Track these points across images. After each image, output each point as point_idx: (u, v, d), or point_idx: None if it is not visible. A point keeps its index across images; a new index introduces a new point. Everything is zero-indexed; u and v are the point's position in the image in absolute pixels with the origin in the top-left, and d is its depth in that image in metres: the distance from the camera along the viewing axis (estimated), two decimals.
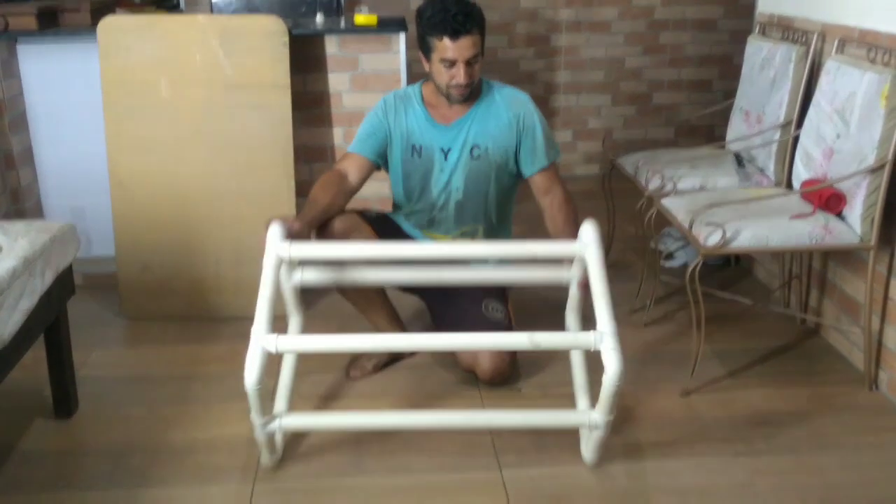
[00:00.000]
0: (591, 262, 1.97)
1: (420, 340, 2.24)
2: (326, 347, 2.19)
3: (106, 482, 1.98)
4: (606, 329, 1.84)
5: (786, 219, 2.28)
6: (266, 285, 1.90)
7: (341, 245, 2.17)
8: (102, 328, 2.80)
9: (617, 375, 1.79)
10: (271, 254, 1.96)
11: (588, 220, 2.02)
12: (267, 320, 1.86)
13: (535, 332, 1.87)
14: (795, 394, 2.37)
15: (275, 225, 1.99)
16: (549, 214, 2.38)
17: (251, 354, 1.81)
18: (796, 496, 1.93)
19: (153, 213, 2.78)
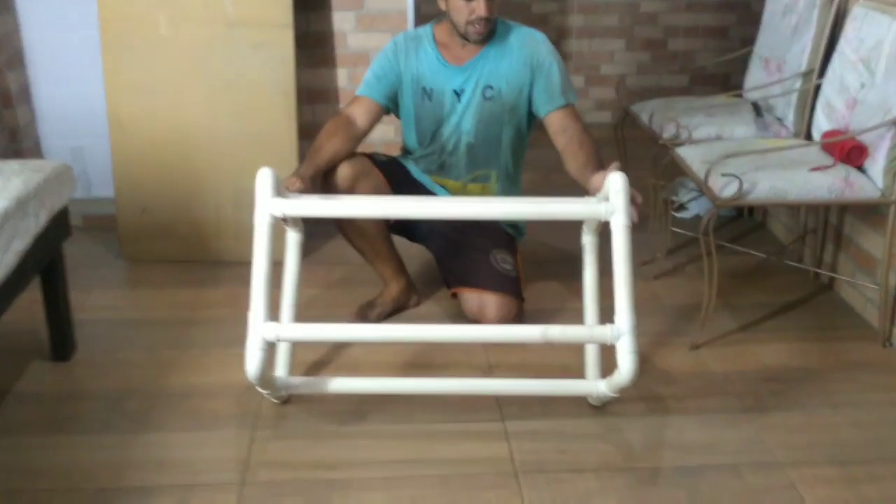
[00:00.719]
0: (617, 233, 1.76)
1: (436, 332, 2.04)
2: (336, 336, 2.07)
3: (102, 426, 1.95)
4: (625, 327, 1.74)
5: (805, 171, 2.20)
6: (260, 257, 1.75)
7: (344, 201, 1.99)
8: (102, 270, 2.76)
9: (629, 380, 1.74)
10: (263, 212, 1.80)
11: (615, 169, 1.85)
12: (264, 304, 1.75)
13: (549, 326, 1.80)
14: (807, 349, 2.32)
15: (265, 173, 1.81)
16: (569, 153, 2.19)
17: (250, 346, 1.75)
18: (805, 454, 1.89)
19: (153, 155, 2.72)
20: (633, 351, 1.73)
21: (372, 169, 2.29)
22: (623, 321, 1.74)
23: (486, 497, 1.75)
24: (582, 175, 2.13)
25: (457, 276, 2.36)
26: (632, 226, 1.80)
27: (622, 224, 1.76)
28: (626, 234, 1.76)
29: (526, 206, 1.89)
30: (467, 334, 1.95)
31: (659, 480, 1.81)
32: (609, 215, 1.78)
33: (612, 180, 1.79)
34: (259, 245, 1.77)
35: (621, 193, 1.77)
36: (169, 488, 1.76)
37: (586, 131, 2.24)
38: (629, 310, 1.74)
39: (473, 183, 2.37)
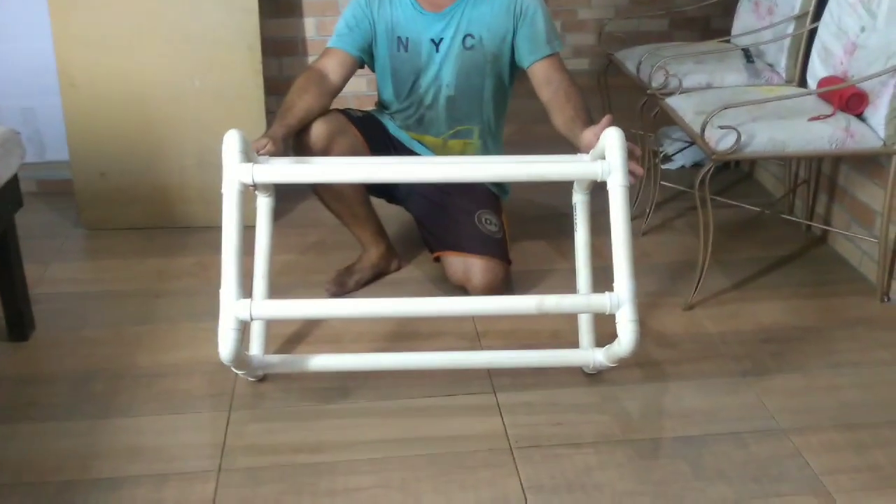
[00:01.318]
0: (615, 194, 1.62)
1: (423, 306, 1.85)
2: (315, 313, 1.91)
3: (66, 412, 1.82)
4: (625, 294, 1.62)
5: (803, 120, 2.09)
6: (230, 230, 1.61)
7: (320, 166, 1.85)
8: (60, 240, 2.60)
9: (630, 351, 1.63)
10: (231, 180, 1.64)
11: (608, 123, 1.73)
12: (236, 280, 1.61)
13: (544, 297, 1.67)
14: (804, 306, 2.24)
15: (232, 136, 1.65)
16: (555, 106, 2.04)
17: (223, 326, 1.61)
18: (808, 418, 1.82)
19: (109, 115, 2.53)
20: (633, 320, 1.62)
21: (348, 126, 2.14)
22: (623, 289, 1.63)
23: (481, 476, 1.65)
24: (570, 130, 1.99)
25: (439, 239, 2.24)
26: (633, 182, 1.69)
27: (620, 184, 1.64)
28: (624, 195, 1.64)
29: (516, 167, 1.75)
30: (457, 307, 1.82)
31: (660, 452, 1.72)
32: (606, 175, 1.65)
33: (609, 136, 1.66)
34: (228, 216, 1.63)
35: (618, 150, 1.65)
36: (141, 478, 1.64)
37: (573, 82, 2.09)
38: (629, 276, 1.63)
39: (454, 139, 2.24)
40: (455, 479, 1.64)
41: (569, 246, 2.34)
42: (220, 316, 1.62)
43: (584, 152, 1.87)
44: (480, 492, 1.62)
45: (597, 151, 1.75)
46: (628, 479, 1.65)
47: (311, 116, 2.04)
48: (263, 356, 1.84)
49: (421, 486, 1.63)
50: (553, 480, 1.64)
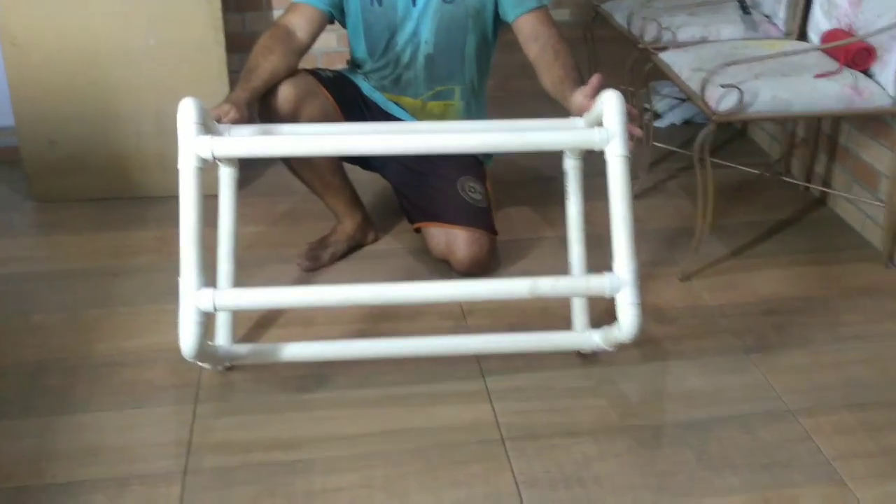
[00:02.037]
0: (614, 165, 1.48)
1: (407, 292, 1.64)
2: (287, 302, 1.71)
3: (18, 409, 1.66)
4: (625, 275, 1.49)
5: (809, 77, 1.95)
6: (189, 211, 1.45)
7: (288, 138, 1.67)
8: (8, 214, 2.40)
9: (631, 336, 1.50)
10: (188, 154, 1.47)
11: (598, 82, 1.59)
12: (196, 267, 1.46)
13: (537, 279, 1.53)
14: (806, 274, 2.12)
15: (188, 105, 1.47)
16: (543, 64, 1.87)
17: (183, 319, 1.46)
18: (817, 397, 1.71)
19: (57, 77, 2.32)
20: (635, 303, 1.49)
21: (317, 88, 1.96)
22: (623, 269, 1.49)
23: (471, 471, 1.53)
24: (559, 92, 1.82)
25: (420, 209, 2.08)
26: (632, 148, 1.54)
27: (620, 154, 1.49)
28: (624, 166, 1.49)
29: (506, 137, 1.58)
30: (443, 292, 1.66)
31: (662, 440, 1.61)
32: (604, 143, 1.50)
33: (607, 100, 1.51)
34: (186, 196, 1.46)
35: (618, 116, 1.50)
36: (100, 482, 1.49)
37: (562, 38, 1.92)
38: (630, 255, 1.49)
39: (434, 100, 2.06)
40: (443, 476, 1.52)
41: (557, 212, 2.22)
42: (180, 308, 1.46)
43: (576, 115, 1.71)
44: (472, 489, 1.49)
45: (592, 116, 1.60)
46: (629, 471, 1.53)
47: (277, 78, 1.87)
48: (231, 346, 1.68)
49: (407, 483, 1.50)
50: (548, 474, 1.52)
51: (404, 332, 1.88)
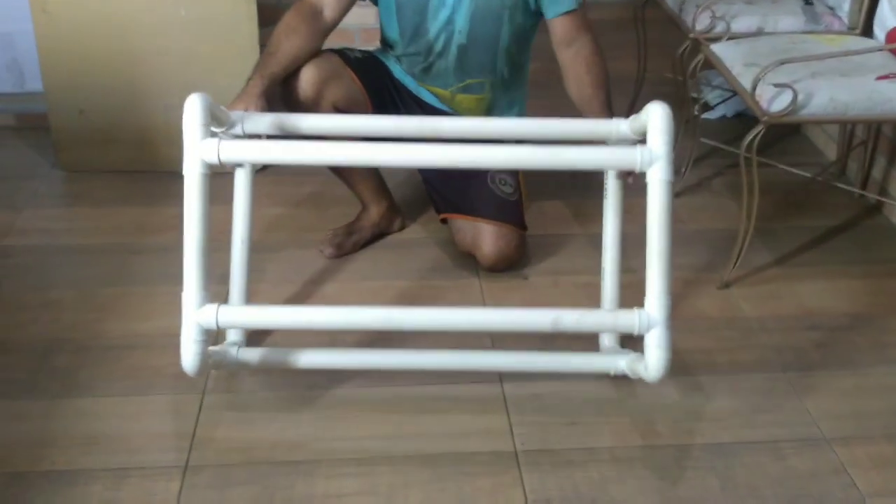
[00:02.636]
0: (655, 191, 1.36)
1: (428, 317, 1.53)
2: (301, 322, 1.57)
3: (23, 390, 1.63)
4: (657, 315, 1.40)
5: (870, 79, 1.81)
6: (193, 221, 1.38)
7: (304, 144, 1.49)
8: (35, 183, 2.37)
9: (656, 379, 1.43)
10: (193, 160, 1.38)
11: (656, 103, 1.40)
12: (199, 283, 1.40)
13: (561, 313, 1.44)
14: (854, 288, 1.99)
15: (194, 103, 1.37)
16: (572, 73, 1.83)
17: (185, 337, 1.41)
18: (856, 425, 1.59)
19: (87, 47, 2.27)
20: (665, 347, 1.41)
21: (343, 70, 1.88)
22: (655, 308, 1.40)
23: (479, 485, 1.45)
24: (583, 108, 1.80)
25: (447, 199, 2.00)
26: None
27: (663, 178, 1.36)
28: (667, 193, 1.37)
29: (541, 153, 1.44)
30: (463, 320, 1.53)
31: (686, 462, 1.51)
32: (646, 165, 1.37)
33: (653, 116, 1.38)
34: (191, 205, 1.38)
35: (664, 136, 1.36)
36: (99, 472, 1.45)
37: (597, 48, 1.84)
38: (663, 293, 1.39)
39: (464, 93, 1.97)
40: (450, 488, 1.45)
41: (591, 208, 2.13)
42: (182, 326, 1.41)
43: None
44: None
45: (637, 124, 1.48)
46: (649, 495, 1.44)
47: (298, 62, 1.79)
48: (238, 353, 1.60)
49: (411, 494, 1.43)
50: (562, 493, 1.44)
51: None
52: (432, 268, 2.03)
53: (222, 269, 1.75)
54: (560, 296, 1.93)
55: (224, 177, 1.70)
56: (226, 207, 1.73)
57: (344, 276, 2.00)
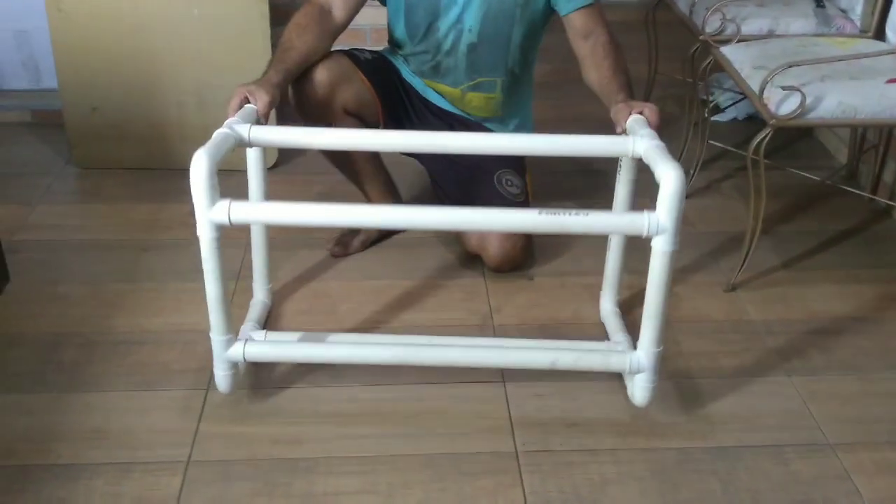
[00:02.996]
0: (658, 259, 1.39)
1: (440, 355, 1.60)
2: (325, 356, 1.64)
3: (30, 383, 1.65)
4: (647, 362, 1.51)
5: (880, 82, 1.80)
6: (211, 280, 1.44)
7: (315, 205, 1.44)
8: (49, 178, 2.40)
9: (641, 406, 1.57)
10: (205, 223, 1.38)
11: (670, 167, 1.36)
12: (224, 327, 1.50)
13: (560, 353, 1.56)
14: (862, 293, 1.98)
15: (200, 163, 1.34)
16: (591, 63, 1.79)
17: (218, 370, 1.55)
18: (860, 431, 1.58)
19: (101, 45, 2.30)
20: (650, 388, 1.54)
21: (354, 72, 1.89)
22: (645, 356, 1.51)
23: (480, 485, 1.46)
24: (604, 94, 1.74)
25: (454, 200, 2.00)
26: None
27: (667, 250, 1.38)
28: (669, 263, 1.40)
29: (541, 218, 1.43)
30: (474, 357, 1.60)
31: (687, 465, 1.51)
32: (653, 232, 1.37)
33: (665, 180, 1.34)
34: (207, 262, 1.43)
35: (674, 205, 1.34)
36: (103, 466, 1.47)
37: (614, 38, 1.81)
38: (654, 343, 1.49)
39: (474, 91, 1.97)
40: (450, 488, 1.45)
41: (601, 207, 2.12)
42: (214, 362, 1.54)
43: (616, 125, 1.61)
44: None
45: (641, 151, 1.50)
46: (649, 498, 1.44)
47: (310, 61, 1.80)
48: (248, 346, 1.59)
49: (411, 493, 1.44)
50: (562, 494, 1.44)
51: (428, 326, 1.82)
52: (438, 268, 2.03)
53: (233, 266, 1.77)
54: (566, 297, 1.94)
55: (237, 175, 1.72)
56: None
57: (350, 274, 2.01)
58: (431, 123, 2.01)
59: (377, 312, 1.88)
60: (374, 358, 1.60)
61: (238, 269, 1.99)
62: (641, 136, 1.49)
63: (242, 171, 1.72)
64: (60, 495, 1.41)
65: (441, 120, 2.00)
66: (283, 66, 1.75)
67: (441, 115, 2.00)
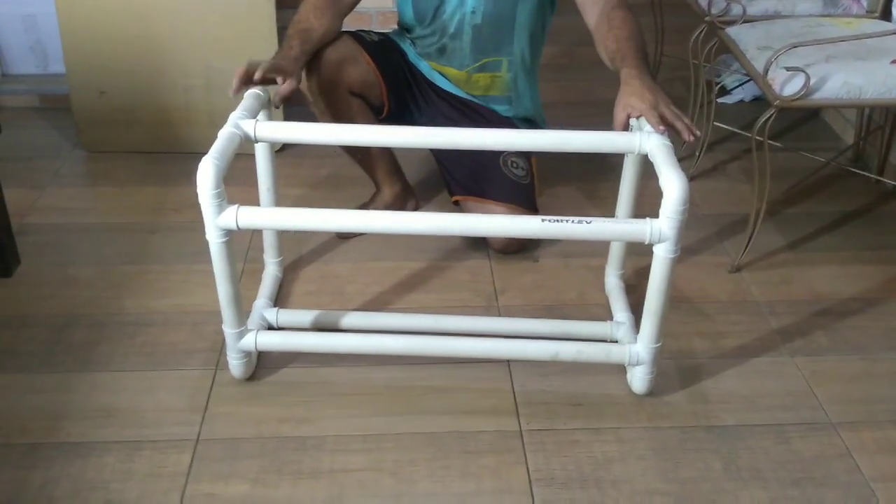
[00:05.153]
0: (660, 264, 1.42)
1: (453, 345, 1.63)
2: (333, 346, 1.66)
3: (41, 363, 1.67)
4: (646, 356, 1.56)
5: (885, 63, 1.79)
6: (222, 279, 1.48)
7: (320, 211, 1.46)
8: (57, 162, 2.42)
9: (641, 394, 1.61)
10: (212, 228, 1.41)
11: (673, 173, 1.37)
12: (236, 320, 1.55)
13: (561, 344, 1.60)
14: (866, 274, 1.98)
15: (207, 169, 1.36)
16: (604, 30, 1.68)
17: (231, 359, 1.61)
18: (862, 410, 1.60)
19: (107, 28, 2.31)
20: (649, 379, 1.60)
21: (360, 54, 1.89)
22: (644, 351, 1.55)
23: (483, 463, 1.48)
24: (612, 65, 1.66)
25: (459, 182, 2.01)
26: (690, 141, 1.50)
27: (668, 256, 1.40)
28: (670, 267, 1.42)
29: (544, 226, 1.44)
30: (482, 351, 1.64)
31: (689, 444, 1.52)
32: (655, 240, 1.39)
33: (668, 186, 1.36)
34: (217, 265, 1.46)
35: (676, 214, 1.36)
36: (113, 444, 1.49)
37: (622, 5, 1.73)
38: (653, 339, 1.53)
39: (479, 72, 1.97)
40: (454, 465, 1.47)
41: (605, 190, 2.14)
42: (228, 350, 1.61)
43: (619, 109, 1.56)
44: (481, 482, 1.44)
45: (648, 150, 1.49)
46: (651, 476, 1.46)
47: (325, 41, 1.81)
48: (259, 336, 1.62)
49: (416, 470, 1.46)
50: (565, 472, 1.46)
51: (434, 307, 1.84)
52: (444, 249, 2.04)
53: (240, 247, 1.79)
54: (570, 278, 1.95)
55: (246, 158, 1.73)
56: (248, 189, 1.77)
57: (356, 255, 2.02)
58: (436, 105, 2.02)
59: (384, 293, 1.89)
60: (381, 349, 1.63)
61: (246, 251, 2.01)
62: (649, 134, 1.48)
63: (251, 154, 1.73)
64: (71, 472, 1.43)
65: (447, 102, 2.01)
66: (306, 47, 1.75)
67: (447, 97, 2.01)
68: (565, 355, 1.59)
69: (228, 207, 1.41)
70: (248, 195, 1.72)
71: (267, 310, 1.74)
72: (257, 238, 1.92)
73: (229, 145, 1.45)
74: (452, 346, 1.62)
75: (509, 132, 1.62)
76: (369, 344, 1.63)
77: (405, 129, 1.59)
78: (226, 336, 1.57)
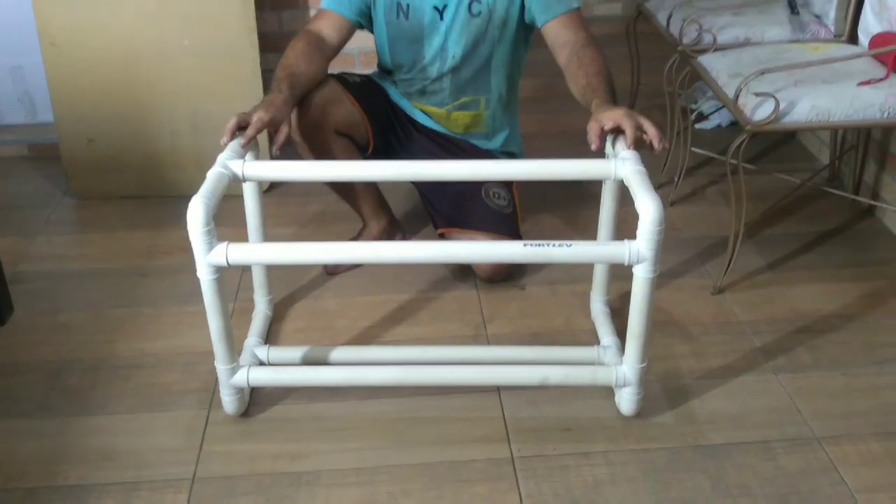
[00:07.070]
0: (640, 285, 1.46)
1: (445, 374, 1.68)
2: (324, 380, 1.70)
3: (37, 408, 1.69)
4: (632, 377, 1.59)
5: (852, 85, 1.85)
6: (213, 317, 1.52)
7: (314, 245, 1.54)
8: (48, 210, 2.45)
9: (629, 415, 1.63)
10: (203, 266, 1.45)
11: (649, 199, 1.40)
12: (228, 356, 1.58)
13: (550, 369, 1.64)
14: (846, 291, 2.02)
15: (197, 208, 1.41)
16: (570, 71, 1.77)
17: (224, 395, 1.64)
18: (846, 424, 1.63)
19: (94, 77, 2.36)
20: (635, 400, 1.62)
21: (344, 95, 1.94)
22: (630, 372, 1.59)
23: (476, 491, 1.50)
24: (584, 101, 1.71)
25: (443, 214, 2.05)
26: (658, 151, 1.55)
27: (648, 276, 1.44)
28: (650, 287, 1.46)
29: (528, 250, 1.46)
30: (471, 378, 1.69)
31: (677, 465, 1.55)
32: (633, 260, 1.43)
33: (643, 212, 1.40)
34: (209, 301, 1.50)
35: (652, 236, 1.40)
36: (110, 487, 1.51)
37: (590, 42, 1.81)
38: (638, 360, 1.56)
39: (459, 111, 2.03)
40: (448, 495, 1.49)
41: (586, 217, 2.17)
42: (221, 388, 1.64)
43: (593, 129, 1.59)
44: None
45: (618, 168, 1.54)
46: (641, 497, 1.48)
47: (312, 86, 1.86)
48: (251, 372, 1.66)
49: (410, 501, 1.48)
50: (557, 497, 1.48)
51: (423, 338, 1.87)
52: (431, 281, 2.08)
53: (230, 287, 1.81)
54: (557, 305, 1.98)
55: (234, 199, 1.77)
56: (237, 229, 1.81)
57: (345, 291, 2.06)
58: (418, 141, 2.07)
59: (373, 327, 1.92)
60: (371, 380, 1.67)
61: (235, 291, 2.04)
62: (623, 160, 1.52)
63: (239, 195, 1.77)
64: None
65: (428, 138, 2.06)
66: (295, 92, 1.77)
67: (428, 133, 2.06)
68: (554, 379, 1.62)
69: (218, 244, 1.44)
70: (237, 235, 1.75)
71: (258, 348, 1.77)
72: (247, 278, 1.96)
73: (218, 185, 1.48)
74: (441, 375, 1.66)
75: (489, 163, 1.67)
76: (359, 376, 1.67)
77: (389, 163, 1.65)
78: (218, 373, 1.60)
